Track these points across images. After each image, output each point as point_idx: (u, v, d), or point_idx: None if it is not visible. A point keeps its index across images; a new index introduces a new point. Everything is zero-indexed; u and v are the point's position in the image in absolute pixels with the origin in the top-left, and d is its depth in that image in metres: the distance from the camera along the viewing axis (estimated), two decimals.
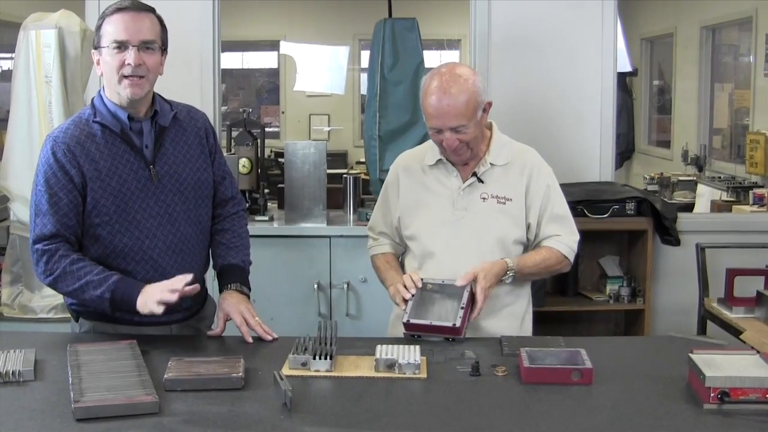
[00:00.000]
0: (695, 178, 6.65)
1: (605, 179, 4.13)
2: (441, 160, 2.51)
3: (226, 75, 8.92)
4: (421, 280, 2.39)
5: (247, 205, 3.97)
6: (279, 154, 6.53)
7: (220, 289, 2.41)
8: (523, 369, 1.97)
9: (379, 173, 4.00)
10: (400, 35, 4.06)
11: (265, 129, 4.41)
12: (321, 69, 9.24)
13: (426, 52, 4.15)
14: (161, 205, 2.29)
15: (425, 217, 2.52)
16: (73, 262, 2.19)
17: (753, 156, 5.98)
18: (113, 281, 2.17)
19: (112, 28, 2.20)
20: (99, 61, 2.25)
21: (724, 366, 1.84)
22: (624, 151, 7.84)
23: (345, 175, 4.23)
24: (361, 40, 9.13)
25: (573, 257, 2.54)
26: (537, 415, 1.78)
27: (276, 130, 9.41)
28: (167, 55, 2.32)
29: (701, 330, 3.67)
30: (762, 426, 1.71)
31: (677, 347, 2.20)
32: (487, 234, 2.46)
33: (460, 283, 2.33)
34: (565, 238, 2.51)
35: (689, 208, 5.87)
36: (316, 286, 3.89)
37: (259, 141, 4.20)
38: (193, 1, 4.05)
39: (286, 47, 9.37)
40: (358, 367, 2.04)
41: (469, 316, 2.30)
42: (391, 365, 2.00)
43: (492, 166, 2.50)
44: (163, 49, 2.28)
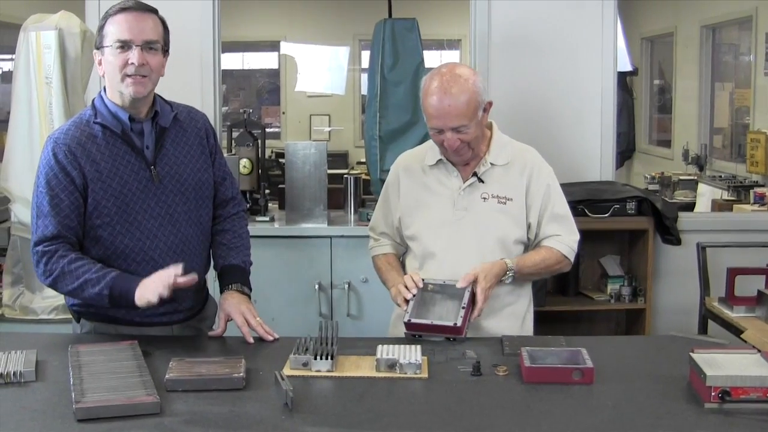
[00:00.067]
0: (696, 178, 6.64)
1: (606, 179, 4.13)
2: (441, 160, 2.51)
3: (227, 76, 8.92)
4: (422, 280, 2.39)
5: (248, 205, 3.97)
6: (280, 155, 6.53)
7: (221, 290, 2.41)
8: (524, 368, 1.97)
9: (380, 173, 4.00)
10: (401, 35, 4.06)
11: (265, 129, 4.41)
12: (321, 69, 9.24)
13: (426, 53, 4.15)
14: (162, 206, 2.29)
15: (426, 218, 2.52)
16: (71, 261, 2.19)
17: (754, 155, 5.98)
18: (111, 278, 2.16)
19: (115, 27, 2.19)
20: (101, 61, 2.25)
21: (725, 365, 1.84)
22: (624, 151, 7.83)
23: (346, 176, 4.23)
24: (361, 41, 9.13)
25: (573, 257, 2.54)
26: (538, 414, 1.78)
27: (277, 130, 9.40)
28: (168, 56, 2.32)
29: (702, 329, 3.66)
30: (763, 425, 1.71)
31: (678, 346, 2.20)
32: (487, 234, 2.46)
33: (461, 285, 2.33)
34: (565, 238, 2.51)
35: (690, 207, 5.86)
36: (317, 286, 3.89)
37: (259, 141, 4.20)
38: (193, 2, 4.06)
39: (286, 48, 9.38)
40: (359, 367, 2.04)
41: (470, 316, 2.31)
42: (392, 365, 2.00)
43: (492, 165, 2.50)
44: (165, 50, 2.28)
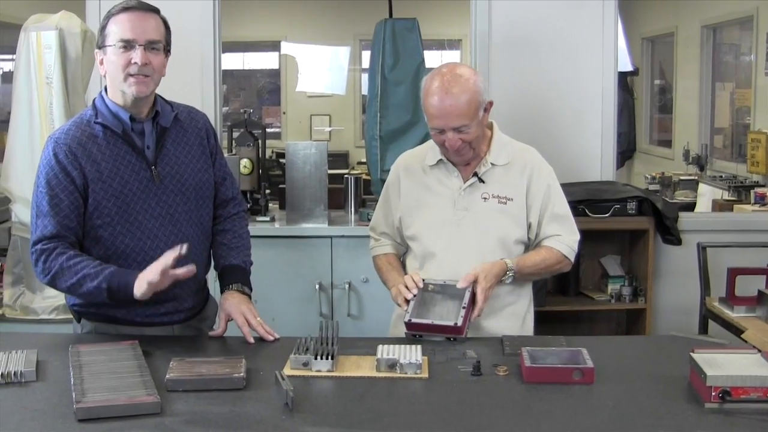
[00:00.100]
0: (696, 178, 6.64)
1: (606, 179, 4.13)
2: (442, 160, 2.51)
3: (227, 76, 8.92)
4: (422, 280, 2.39)
5: (249, 205, 3.97)
6: (280, 155, 6.53)
7: (222, 290, 2.41)
8: (525, 368, 1.97)
9: (380, 173, 4.00)
10: (401, 35, 4.06)
11: (266, 129, 4.41)
12: (322, 69, 9.24)
13: (427, 53, 4.15)
14: (163, 206, 2.29)
15: (426, 218, 2.52)
16: (69, 258, 2.18)
17: (754, 155, 5.97)
18: (110, 272, 2.16)
19: (118, 27, 2.19)
20: (103, 61, 2.25)
21: (726, 365, 1.84)
22: (625, 151, 7.83)
23: (346, 176, 4.23)
24: (361, 41, 9.13)
25: (573, 257, 2.54)
26: (538, 414, 1.78)
27: (277, 130, 9.40)
28: (170, 55, 2.31)
29: (703, 329, 3.66)
30: (763, 425, 1.71)
31: (679, 346, 2.20)
32: (488, 234, 2.46)
33: (461, 286, 2.33)
34: (565, 238, 2.51)
35: (690, 207, 5.86)
36: (317, 286, 3.89)
37: (260, 141, 4.20)
38: (193, 2, 4.06)
39: (286, 48, 9.38)
40: (360, 367, 2.04)
41: (470, 316, 2.30)
42: (392, 365, 2.00)
43: (493, 165, 2.50)
44: (167, 50, 2.28)
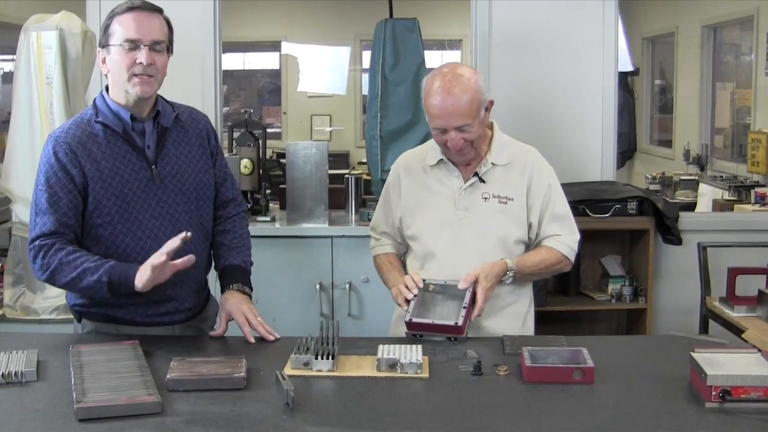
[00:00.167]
0: (697, 178, 6.64)
1: (607, 179, 4.13)
2: (442, 160, 2.51)
3: (228, 76, 8.93)
4: (423, 280, 2.39)
5: (249, 205, 3.98)
6: (281, 155, 6.54)
7: (222, 290, 2.41)
8: (525, 368, 1.97)
9: (381, 173, 4.00)
10: (401, 35, 4.06)
11: (266, 130, 4.41)
12: (322, 69, 9.25)
13: (427, 53, 4.15)
14: (163, 205, 2.29)
15: (427, 218, 2.52)
16: (69, 253, 2.18)
17: (755, 155, 5.97)
18: (110, 265, 2.15)
19: (123, 26, 2.19)
20: (105, 60, 2.24)
21: (726, 365, 1.84)
22: (626, 151, 7.84)
23: (347, 176, 4.23)
24: (362, 41, 9.13)
25: (573, 257, 2.54)
26: (539, 414, 1.78)
27: (278, 130, 9.40)
28: (172, 55, 2.31)
29: (703, 329, 3.66)
30: (763, 424, 1.71)
31: (679, 346, 2.20)
32: (488, 234, 2.46)
33: (462, 286, 2.33)
34: (565, 238, 2.51)
35: (691, 207, 5.86)
36: (318, 286, 3.89)
37: (260, 142, 4.20)
38: (194, 2, 4.06)
39: (287, 48, 9.38)
40: (360, 366, 2.04)
41: (470, 315, 2.30)
42: (393, 365, 2.00)
43: (493, 165, 2.50)
44: (170, 50, 2.28)
